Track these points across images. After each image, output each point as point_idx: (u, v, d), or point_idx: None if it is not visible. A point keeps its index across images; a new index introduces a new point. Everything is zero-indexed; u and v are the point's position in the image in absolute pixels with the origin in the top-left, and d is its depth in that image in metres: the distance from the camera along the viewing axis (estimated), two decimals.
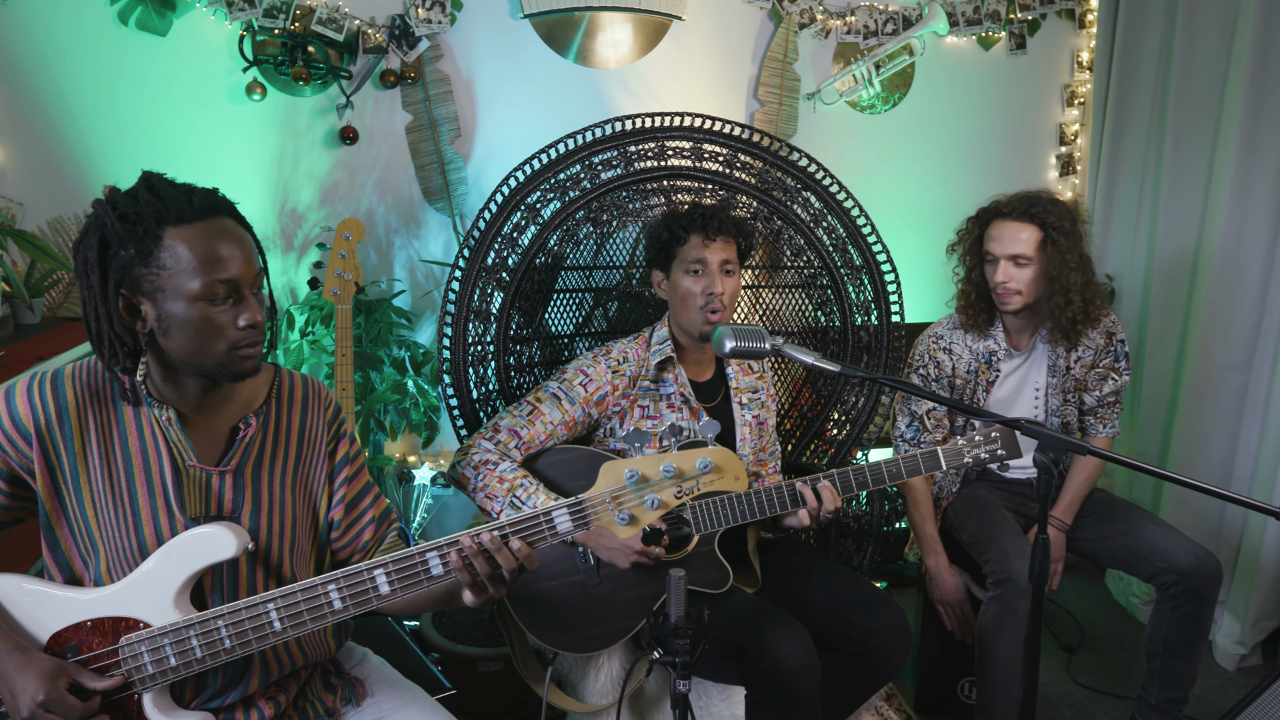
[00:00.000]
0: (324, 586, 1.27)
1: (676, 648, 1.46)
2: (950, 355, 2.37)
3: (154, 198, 1.22)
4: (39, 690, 1.20)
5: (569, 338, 2.39)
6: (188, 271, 1.21)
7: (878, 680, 1.94)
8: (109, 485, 1.29)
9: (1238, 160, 2.72)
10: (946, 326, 2.41)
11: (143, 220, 1.20)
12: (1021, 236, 2.21)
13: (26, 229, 2.38)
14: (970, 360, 2.36)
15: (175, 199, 1.22)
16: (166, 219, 1.21)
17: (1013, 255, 2.21)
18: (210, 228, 1.23)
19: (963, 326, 2.38)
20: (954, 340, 2.38)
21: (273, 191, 2.69)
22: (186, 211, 1.22)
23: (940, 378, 2.38)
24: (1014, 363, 2.36)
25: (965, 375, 2.36)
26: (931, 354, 2.39)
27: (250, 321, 1.26)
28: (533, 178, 2.22)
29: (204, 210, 1.23)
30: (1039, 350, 2.35)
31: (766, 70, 3.07)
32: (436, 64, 2.74)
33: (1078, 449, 1.41)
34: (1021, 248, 2.21)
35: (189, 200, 1.23)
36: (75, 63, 2.42)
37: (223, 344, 1.25)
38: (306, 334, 2.63)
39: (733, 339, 1.65)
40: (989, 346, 2.35)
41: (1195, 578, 2.13)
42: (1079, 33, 3.41)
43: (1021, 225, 2.22)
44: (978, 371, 2.35)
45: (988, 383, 2.35)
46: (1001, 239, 2.24)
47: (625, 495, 1.26)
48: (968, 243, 2.36)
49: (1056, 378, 2.34)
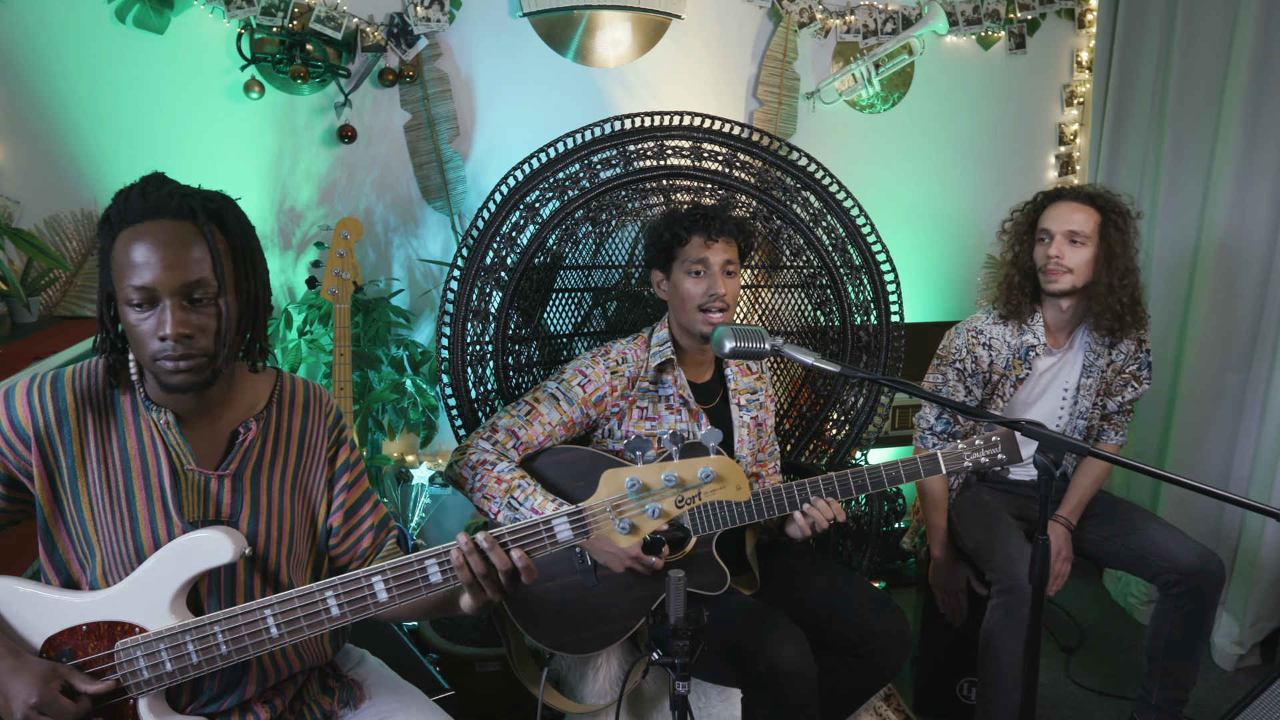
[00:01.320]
0: (321, 593, 1.27)
1: (676, 649, 1.45)
2: (989, 350, 2.33)
3: (121, 200, 1.21)
4: (31, 693, 1.19)
5: (568, 337, 2.38)
6: (119, 275, 1.19)
7: (877, 681, 1.94)
8: (107, 488, 1.28)
9: (1237, 161, 2.72)
10: (986, 321, 2.36)
11: (108, 221, 1.21)
12: (1078, 216, 2.21)
13: (23, 227, 2.37)
14: (1009, 355, 2.33)
15: (131, 201, 1.20)
16: (121, 222, 1.19)
17: (1070, 231, 2.20)
18: (141, 231, 1.18)
19: (1003, 315, 2.34)
20: (994, 335, 2.34)
21: (271, 190, 2.67)
22: (129, 213, 1.19)
23: (977, 373, 2.34)
24: (1050, 360, 2.34)
25: (1002, 370, 2.34)
26: (970, 348, 2.34)
27: (161, 334, 1.18)
28: (531, 177, 2.21)
29: (144, 212, 1.19)
30: (1076, 348, 2.33)
31: (766, 69, 3.07)
32: (435, 62, 2.73)
33: (1077, 449, 1.41)
34: (1079, 225, 2.20)
35: (141, 200, 1.19)
36: (72, 60, 2.41)
37: (146, 353, 1.21)
38: (304, 333, 2.62)
39: (733, 339, 1.64)
40: (1028, 341, 2.31)
41: (1198, 577, 2.13)
42: (1078, 32, 3.40)
43: (1080, 206, 2.22)
44: (1011, 366, 2.34)
45: (1016, 379, 2.33)
46: (1059, 217, 2.23)
47: (626, 504, 1.26)
48: (1021, 224, 2.34)
49: (1092, 379, 2.32)
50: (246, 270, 1.26)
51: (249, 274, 1.27)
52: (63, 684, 1.23)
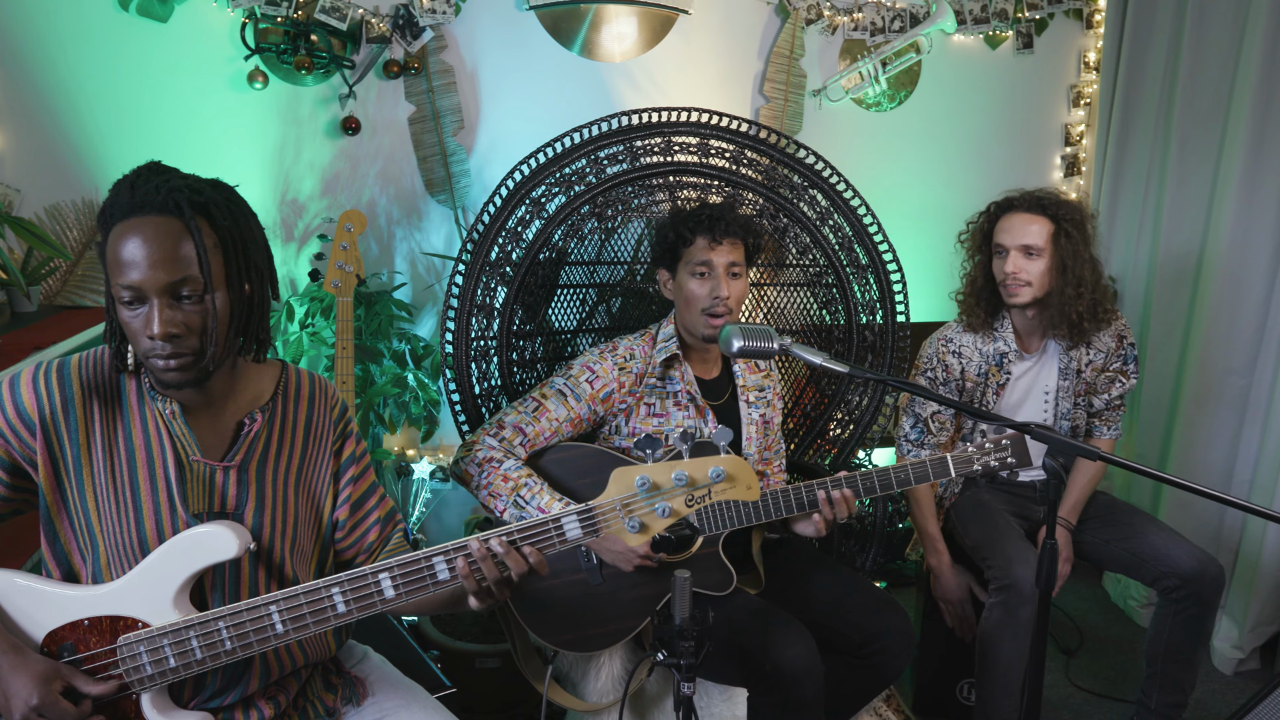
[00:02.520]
0: (328, 589, 1.25)
1: (681, 650, 1.45)
2: (959, 359, 2.35)
3: (116, 192, 1.18)
4: (33, 694, 1.18)
5: (571, 333, 2.37)
6: (112, 271, 1.17)
7: (879, 683, 1.93)
8: (111, 478, 1.27)
9: (1244, 163, 2.71)
10: (955, 329, 2.38)
11: (104, 214, 1.18)
12: (1032, 228, 2.19)
13: (24, 216, 2.36)
14: (980, 363, 2.34)
15: (123, 194, 1.17)
16: (114, 215, 1.17)
17: (1024, 245, 2.19)
18: (129, 228, 1.15)
19: (965, 326, 2.36)
20: (963, 343, 2.35)
21: (274, 181, 2.66)
22: (118, 209, 1.17)
23: (949, 381, 2.35)
24: (1025, 365, 2.34)
25: (975, 378, 2.34)
26: (940, 357, 2.36)
27: (149, 333, 1.16)
28: (538, 171, 2.20)
29: (130, 208, 1.16)
30: (1050, 353, 2.33)
31: (773, 66, 3.05)
32: (440, 55, 2.71)
33: (1088, 454, 1.40)
34: (1033, 238, 2.19)
35: (129, 195, 1.16)
36: (75, 48, 2.39)
37: (139, 349, 1.20)
38: (306, 326, 2.61)
39: (740, 338, 1.63)
40: (999, 348, 2.32)
41: (1198, 582, 2.12)
42: (1086, 33, 3.39)
43: (1033, 217, 2.20)
44: (988, 374, 2.33)
45: (998, 385, 2.33)
46: (1012, 230, 2.22)
47: (636, 503, 1.25)
48: (976, 237, 2.33)
49: (1069, 381, 2.32)
50: (239, 263, 1.22)
51: (241, 267, 1.23)
52: (65, 685, 1.22)
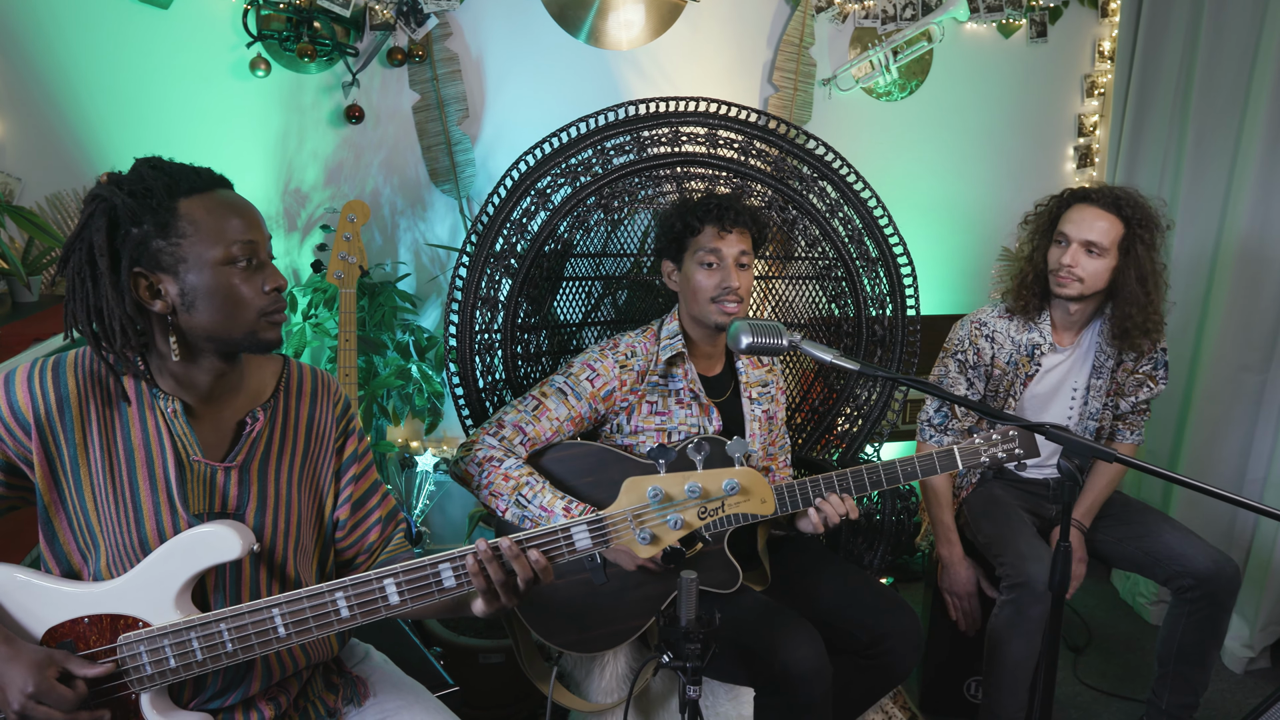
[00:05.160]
0: (331, 594, 1.23)
1: (687, 652, 1.42)
2: (992, 344, 2.30)
3: (160, 173, 1.21)
4: (28, 682, 1.16)
5: (577, 326, 2.34)
6: (208, 238, 1.20)
7: (888, 683, 1.91)
8: (110, 478, 1.25)
9: (1263, 156, 2.66)
10: (991, 314, 2.33)
11: (154, 194, 1.19)
12: (1100, 224, 2.13)
13: (25, 205, 2.33)
14: (1012, 351, 2.29)
15: (183, 172, 1.23)
16: (178, 190, 1.21)
17: (1087, 241, 2.13)
18: (221, 196, 1.24)
19: (1010, 310, 2.30)
20: (997, 328, 2.30)
21: (276, 170, 2.63)
22: (197, 182, 1.23)
23: (978, 365, 2.30)
24: (1057, 358, 2.30)
25: (1005, 366, 2.29)
26: (973, 340, 2.31)
27: (275, 285, 1.26)
28: (543, 162, 2.16)
29: (212, 181, 1.25)
30: (1084, 349, 2.29)
31: (782, 55, 3.01)
32: (445, 42, 2.67)
33: (1102, 455, 1.37)
34: (1099, 235, 2.13)
35: (196, 173, 1.24)
36: (76, 35, 2.36)
37: (250, 312, 1.24)
38: (309, 317, 2.58)
39: (750, 335, 1.60)
40: (1033, 339, 2.27)
41: (1213, 583, 2.09)
42: (1101, 21, 3.34)
43: (1104, 214, 2.14)
44: (1018, 364, 2.28)
45: (1026, 376, 2.29)
46: (1080, 222, 2.15)
47: (648, 514, 1.23)
48: (1042, 221, 2.27)
49: (1102, 379, 2.28)
50: None
51: None
52: (60, 671, 1.20)
